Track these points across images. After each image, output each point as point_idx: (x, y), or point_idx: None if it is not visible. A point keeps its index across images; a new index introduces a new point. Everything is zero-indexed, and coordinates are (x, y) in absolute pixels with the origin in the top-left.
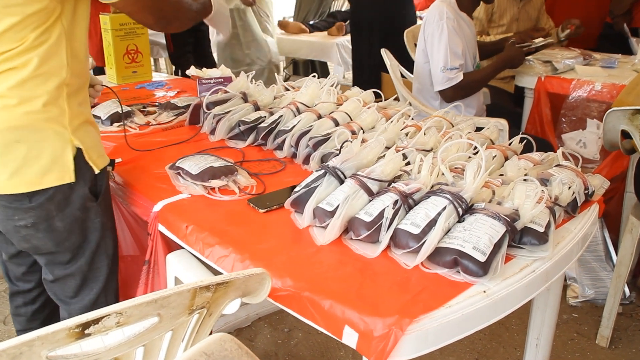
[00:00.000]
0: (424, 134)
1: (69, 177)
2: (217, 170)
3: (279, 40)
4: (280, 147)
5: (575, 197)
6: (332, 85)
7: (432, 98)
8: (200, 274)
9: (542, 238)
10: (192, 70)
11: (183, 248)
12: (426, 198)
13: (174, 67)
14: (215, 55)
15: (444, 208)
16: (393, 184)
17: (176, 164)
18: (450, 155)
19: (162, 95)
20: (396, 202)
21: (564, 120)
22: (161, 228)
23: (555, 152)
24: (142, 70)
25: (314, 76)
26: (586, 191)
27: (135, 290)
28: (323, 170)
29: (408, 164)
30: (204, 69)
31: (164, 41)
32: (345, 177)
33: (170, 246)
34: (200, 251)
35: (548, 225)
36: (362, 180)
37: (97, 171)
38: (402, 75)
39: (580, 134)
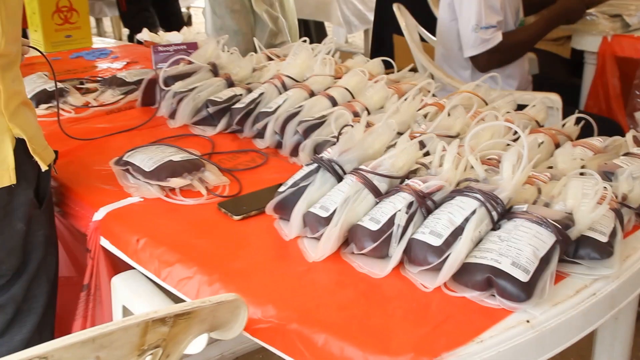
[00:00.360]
0: (448, 115)
1: (8, 178)
2: (178, 166)
3: None
4: (261, 134)
5: None
6: (328, 53)
7: (461, 67)
8: (156, 302)
9: (605, 250)
10: (144, 35)
11: (133, 268)
12: (450, 199)
13: (127, 30)
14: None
15: (474, 212)
16: (407, 181)
17: (124, 158)
18: (482, 143)
19: (106, 67)
20: (411, 204)
21: (638, 93)
22: (104, 242)
23: (624, 135)
24: (79, 34)
25: (305, 41)
26: None
27: (71, 323)
28: (316, 164)
29: (427, 154)
30: (161, 32)
31: None
32: (345, 173)
33: (117, 266)
34: (156, 272)
35: (613, 234)
36: (366, 177)
37: (44, 168)
38: (422, 39)
39: None
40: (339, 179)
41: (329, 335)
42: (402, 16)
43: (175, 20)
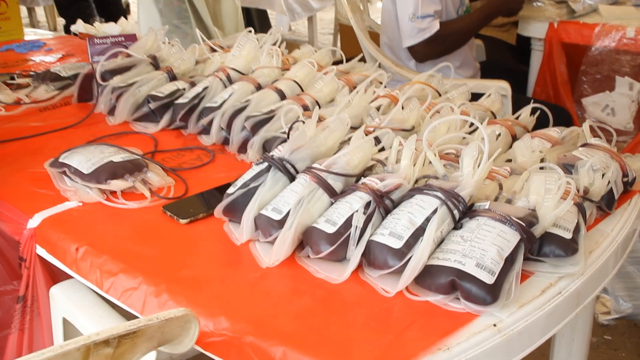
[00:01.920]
0: (402, 108)
1: None
2: (119, 167)
3: None
4: (206, 130)
5: (612, 188)
6: (274, 44)
7: (407, 57)
8: (99, 313)
9: (569, 247)
10: (78, 26)
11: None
12: (409, 198)
13: (63, 20)
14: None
15: (435, 211)
16: (363, 180)
17: (60, 160)
18: (439, 137)
19: (39, 60)
20: (368, 204)
21: (584, 79)
22: (41, 251)
23: (573, 122)
24: (9, 25)
25: (251, 31)
26: (625, 179)
27: (5, 338)
28: (266, 163)
29: (382, 149)
30: (97, 23)
31: None
32: (297, 172)
33: (56, 275)
34: (98, 283)
35: (577, 229)
36: (320, 176)
37: None
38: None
39: (606, 97)
40: (292, 178)
41: (287, 348)
42: (348, 2)
43: (115, 9)
